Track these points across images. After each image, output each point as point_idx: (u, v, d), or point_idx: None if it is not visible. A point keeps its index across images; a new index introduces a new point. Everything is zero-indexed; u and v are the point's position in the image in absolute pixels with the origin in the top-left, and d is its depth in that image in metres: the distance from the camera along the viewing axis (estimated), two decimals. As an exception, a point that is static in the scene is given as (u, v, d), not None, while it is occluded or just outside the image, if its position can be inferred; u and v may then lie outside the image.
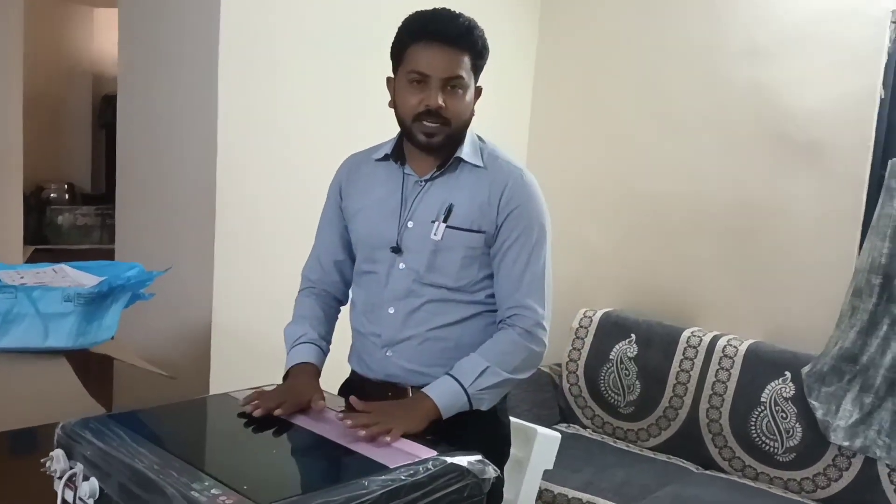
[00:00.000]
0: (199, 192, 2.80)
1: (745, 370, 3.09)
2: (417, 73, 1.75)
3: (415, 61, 1.76)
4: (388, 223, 1.85)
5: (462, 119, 1.80)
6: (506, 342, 1.80)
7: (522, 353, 1.80)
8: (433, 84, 1.75)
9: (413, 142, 1.82)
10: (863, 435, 2.80)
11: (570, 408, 3.50)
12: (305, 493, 1.33)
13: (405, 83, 1.78)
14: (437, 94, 1.75)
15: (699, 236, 3.43)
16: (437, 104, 1.75)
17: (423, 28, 1.76)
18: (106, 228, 5.67)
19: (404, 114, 1.80)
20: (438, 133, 1.77)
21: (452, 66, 1.75)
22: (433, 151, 1.82)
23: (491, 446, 1.67)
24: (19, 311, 1.95)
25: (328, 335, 1.98)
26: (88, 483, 1.45)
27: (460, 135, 1.83)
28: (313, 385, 1.82)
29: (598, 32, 3.71)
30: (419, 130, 1.78)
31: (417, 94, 1.76)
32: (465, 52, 1.76)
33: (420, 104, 1.76)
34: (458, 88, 1.77)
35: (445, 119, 1.76)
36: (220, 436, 1.73)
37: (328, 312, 2.00)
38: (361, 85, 3.03)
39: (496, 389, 1.79)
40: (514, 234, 1.81)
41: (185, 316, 2.86)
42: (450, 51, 1.75)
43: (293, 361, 1.88)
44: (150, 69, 2.98)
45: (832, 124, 3.08)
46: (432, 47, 1.74)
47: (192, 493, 1.29)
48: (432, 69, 1.74)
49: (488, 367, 1.76)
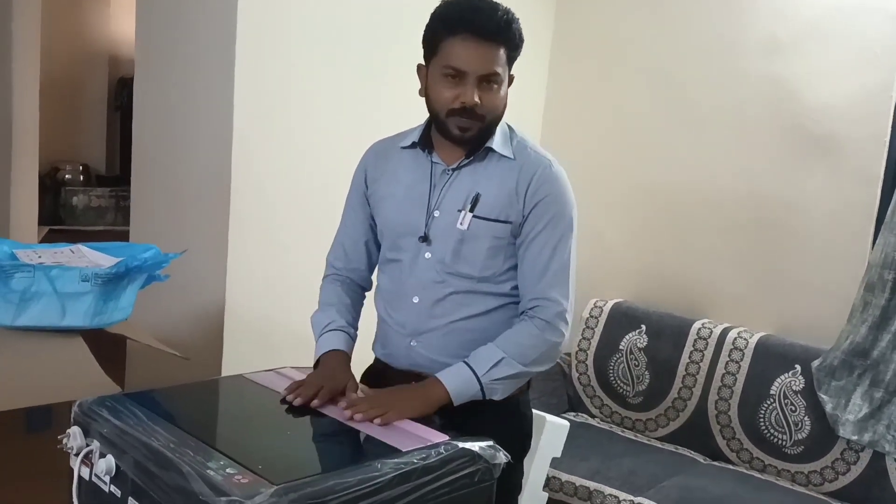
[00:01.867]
0: (213, 177, 2.82)
1: (755, 363, 3.09)
2: (453, 68, 1.72)
3: (451, 56, 1.72)
4: (416, 211, 1.84)
5: (496, 113, 1.79)
6: (524, 334, 1.79)
7: (541, 346, 1.79)
8: (469, 80, 1.72)
9: (446, 135, 1.80)
10: (872, 429, 2.80)
11: (579, 397, 3.51)
12: (319, 474, 1.34)
13: (439, 76, 1.75)
14: (472, 90, 1.72)
15: (711, 228, 3.43)
16: (473, 101, 1.72)
17: (460, 20, 1.72)
18: (120, 210, 5.71)
19: (438, 107, 1.77)
20: (472, 128, 1.76)
21: (489, 62, 1.72)
22: (466, 144, 1.81)
23: (511, 438, 1.66)
24: (37, 290, 1.96)
25: (355, 322, 1.97)
26: (105, 460, 1.46)
27: (493, 127, 1.81)
28: (347, 372, 1.80)
29: (614, 25, 3.70)
30: (454, 125, 1.76)
31: (452, 90, 1.73)
32: (501, 46, 1.73)
33: (455, 100, 1.73)
34: (494, 84, 1.74)
35: (480, 115, 1.75)
36: (234, 417, 1.75)
37: (354, 299, 1.99)
38: (378, 72, 3.05)
39: (511, 380, 1.78)
40: (539, 224, 1.80)
41: (198, 298, 2.88)
42: (487, 46, 1.71)
43: (324, 349, 1.86)
44: (167, 53, 3.00)
45: (847, 119, 3.07)
46: (469, 42, 1.70)
47: (208, 472, 1.30)
48: (469, 65, 1.71)
49: (504, 357, 1.75)
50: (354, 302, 2.00)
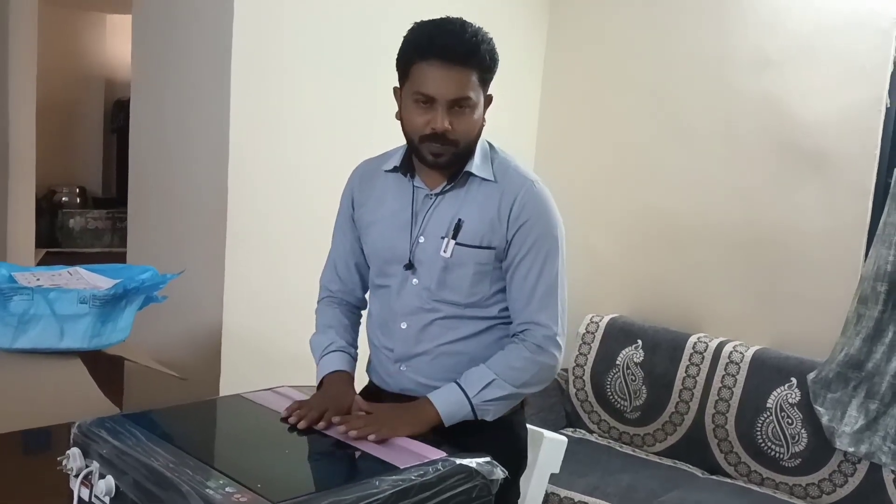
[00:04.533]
0: (210, 197, 2.84)
1: (751, 376, 3.10)
2: (423, 94, 1.71)
3: (420, 82, 1.71)
4: (400, 238, 1.84)
5: (470, 137, 1.76)
6: (515, 357, 1.79)
7: (532, 368, 1.78)
8: (439, 106, 1.70)
9: (421, 160, 1.80)
10: (868, 441, 2.82)
11: (577, 412, 3.52)
12: (317, 492, 1.36)
13: (411, 102, 1.74)
14: (443, 116, 1.70)
15: (706, 243, 3.44)
16: (444, 127, 1.70)
17: (428, 45, 1.70)
18: (117, 232, 5.73)
19: (411, 133, 1.77)
20: (445, 153, 1.74)
21: (459, 87, 1.70)
22: (441, 169, 1.80)
23: (506, 457, 1.66)
24: (36, 313, 1.98)
25: (355, 342, 1.97)
26: (105, 481, 1.47)
27: (469, 151, 1.79)
28: (350, 393, 1.80)
29: (607, 43, 3.73)
30: (427, 151, 1.75)
31: (423, 115, 1.72)
32: (472, 70, 1.71)
33: (426, 126, 1.72)
34: (466, 108, 1.72)
35: (453, 140, 1.73)
36: (233, 436, 1.76)
37: (352, 321, 1.99)
38: (372, 90, 3.07)
39: (502, 402, 1.78)
40: (524, 247, 1.78)
41: (195, 319, 2.89)
42: (456, 71, 1.69)
43: (326, 370, 1.85)
44: (163, 75, 3.02)
45: (838, 134, 3.10)
46: (438, 68, 1.69)
47: (208, 491, 1.31)
48: (438, 91, 1.69)
49: (495, 379, 1.75)
50: (353, 323, 2.00)
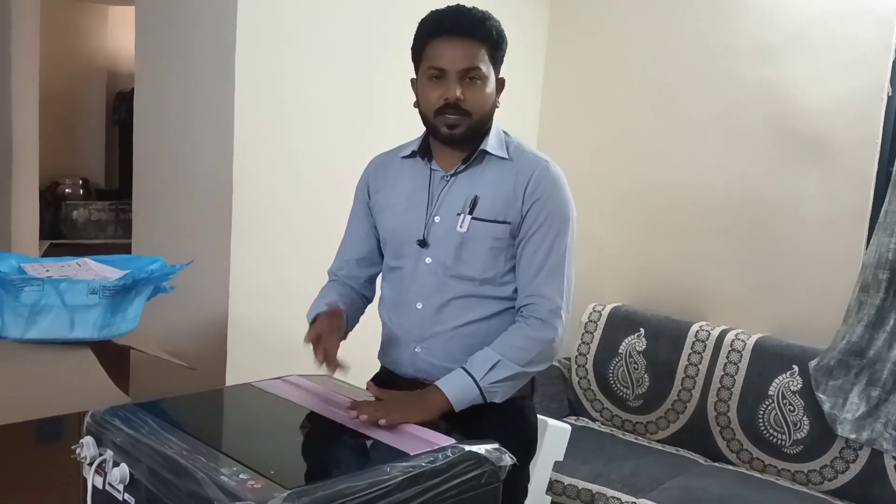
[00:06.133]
0: (215, 188, 2.85)
1: (753, 364, 3.12)
2: (435, 68, 1.79)
3: (432, 57, 1.80)
4: (415, 218, 1.88)
5: (483, 110, 1.83)
6: (520, 336, 1.81)
7: (537, 346, 1.81)
8: (451, 77, 1.78)
9: (437, 136, 1.85)
10: (869, 428, 2.84)
11: (580, 401, 3.54)
12: (330, 479, 1.37)
13: (425, 80, 1.82)
14: (455, 86, 1.78)
15: (708, 232, 3.46)
16: (456, 96, 1.78)
17: (438, 24, 1.81)
18: (120, 223, 5.74)
19: (427, 109, 1.83)
20: (460, 124, 1.80)
21: (469, 57, 1.78)
22: (457, 144, 1.84)
23: (517, 442, 1.69)
24: (46, 303, 2.00)
25: (355, 316, 2.00)
26: (119, 469, 1.49)
27: (483, 127, 1.85)
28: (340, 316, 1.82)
29: (608, 30, 3.74)
30: (441, 123, 1.81)
31: (437, 89, 1.80)
32: (481, 44, 1.80)
33: (440, 98, 1.79)
34: (477, 79, 1.80)
35: (466, 111, 1.79)
36: (244, 424, 1.78)
37: (354, 300, 2.02)
38: (379, 83, 3.08)
39: (509, 382, 1.80)
40: (536, 223, 1.83)
41: (201, 309, 2.91)
42: (465, 43, 1.78)
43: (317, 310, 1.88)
44: (167, 66, 3.03)
45: (840, 122, 3.12)
46: (448, 41, 1.78)
47: (222, 478, 1.33)
48: (449, 62, 1.78)
49: (500, 360, 1.78)
50: (354, 302, 2.01)
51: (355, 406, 1.71)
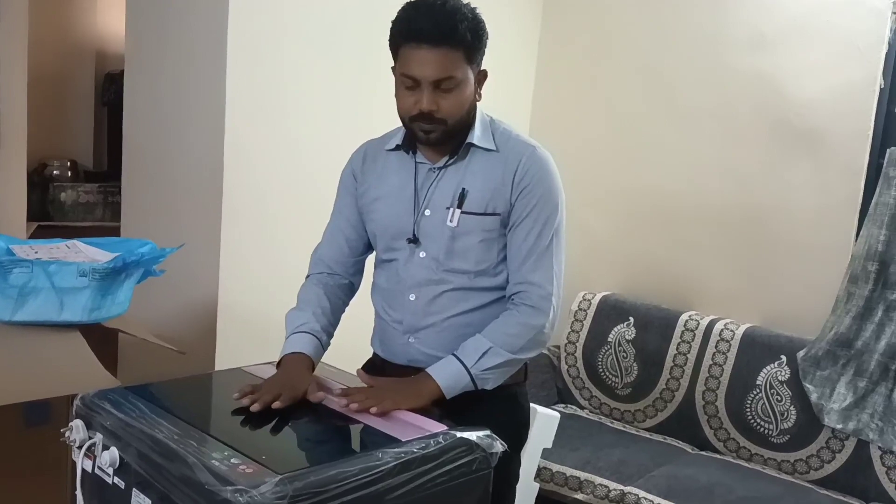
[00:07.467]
0: (206, 172, 2.83)
1: (742, 354, 3.14)
2: (408, 76, 1.74)
3: (405, 63, 1.75)
4: (404, 213, 1.86)
5: (459, 115, 1.78)
6: (510, 323, 1.81)
7: (527, 333, 1.81)
8: (424, 87, 1.73)
9: (415, 138, 1.83)
10: (856, 418, 2.86)
11: (568, 389, 3.55)
12: (322, 464, 1.37)
13: (400, 83, 1.78)
14: (429, 97, 1.73)
15: (698, 222, 3.47)
16: (429, 108, 1.74)
17: (407, 28, 1.74)
18: (108, 206, 5.69)
19: (402, 113, 1.81)
20: (435, 131, 1.77)
21: (442, 67, 1.72)
22: (435, 146, 1.83)
23: (510, 429, 1.69)
24: (35, 285, 1.99)
25: (331, 327, 1.92)
26: (108, 452, 1.48)
27: (461, 126, 1.82)
28: (307, 377, 1.75)
29: (601, 21, 3.73)
30: (417, 129, 1.79)
31: (411, 97, 1.75)
32: (454, 49, 1.72)
33: (414, 106, 1.75)
34: (452, 88, 1.75)
35: (440, 119, 1.76)
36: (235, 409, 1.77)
37: (334, 303, 1.95)
38: (371, 66, 3.05)
39: (501, 369, 1.80)
40: (525, 210, 1.81)
41: (191, 294, 2.90)
42: (438, 52, 1.71)
43: (289, 350, 1.82)
44: (158, 47, 3.00)
45: (832, 114, 3.12)
46: (420, 50, 1.71)
47: (213, 462, 1.33)
48: (421, 73, 1.72)
49: (491, 347, 1.77)
50: (334, 307, 1.95)
51: (346, 394, 1.70)
